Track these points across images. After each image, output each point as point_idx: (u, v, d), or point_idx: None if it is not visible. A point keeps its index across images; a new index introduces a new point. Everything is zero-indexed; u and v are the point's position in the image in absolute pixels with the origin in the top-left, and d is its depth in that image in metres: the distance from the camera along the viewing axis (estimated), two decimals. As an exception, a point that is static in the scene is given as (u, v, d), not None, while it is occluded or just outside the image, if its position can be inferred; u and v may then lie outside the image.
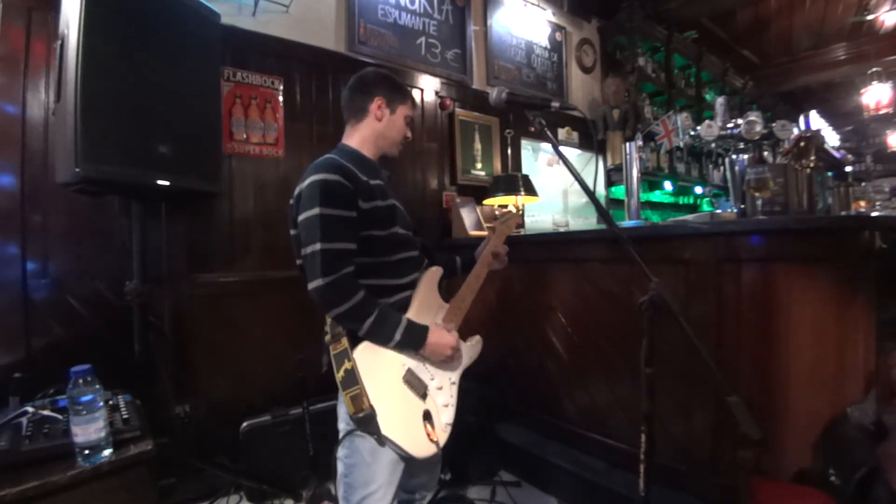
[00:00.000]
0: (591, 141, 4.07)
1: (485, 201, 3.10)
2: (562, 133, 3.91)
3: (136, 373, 1.68)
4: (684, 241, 1.66)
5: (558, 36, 3.92)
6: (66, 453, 1.14)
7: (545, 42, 3.81)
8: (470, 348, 1.36)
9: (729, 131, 2.31)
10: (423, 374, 1.22)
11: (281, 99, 2.37)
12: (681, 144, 3.05)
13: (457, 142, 3.09)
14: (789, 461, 1.40)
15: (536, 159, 4.10)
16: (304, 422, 1.91)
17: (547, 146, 3.99)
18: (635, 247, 1.07)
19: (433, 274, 1.34)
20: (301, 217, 1.17)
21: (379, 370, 1.15)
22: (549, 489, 2.01)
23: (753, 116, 2.23)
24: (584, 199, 4.11)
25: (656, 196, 4.72)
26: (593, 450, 1.97)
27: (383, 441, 1.09)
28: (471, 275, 1.39)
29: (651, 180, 4.42)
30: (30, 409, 1.30)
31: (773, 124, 2.21)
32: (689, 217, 2.24)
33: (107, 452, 1.18)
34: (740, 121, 2.26)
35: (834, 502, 1.16)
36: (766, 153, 2.36)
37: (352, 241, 1.16)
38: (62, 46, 1.39)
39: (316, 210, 1.12)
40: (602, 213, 1.17)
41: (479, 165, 3.22)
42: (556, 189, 4.15)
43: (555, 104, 1.23)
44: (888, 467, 1.06)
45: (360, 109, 1.34)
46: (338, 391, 1.18)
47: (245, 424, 1.94)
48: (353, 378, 1.11)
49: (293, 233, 1.25)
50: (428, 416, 1.18)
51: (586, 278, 2.00)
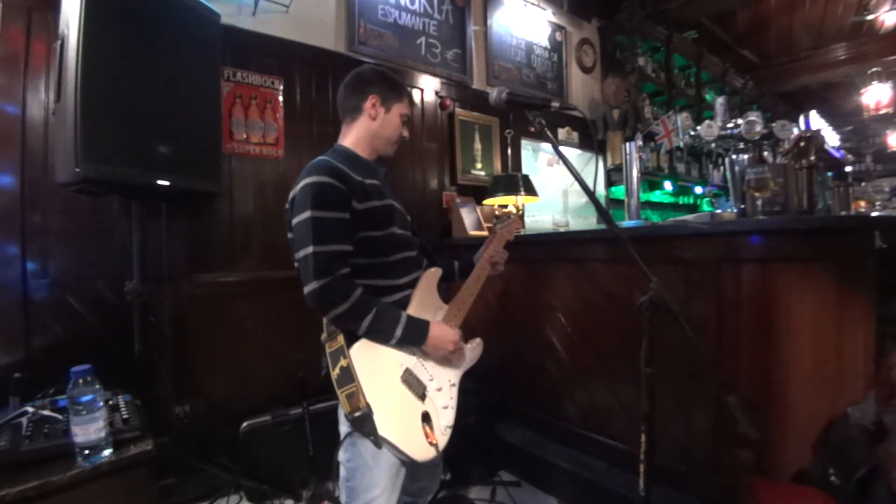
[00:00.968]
0: (591, 141, 4.07)
1: (485, 201, 3.10)
2: (562, 133, 3.91)
3: (136, 373, 1.68)
4: (684, 241, 1.66)
5: (558, 36, 3.92)
6: (66, 453, 1.14)
7: (545, 42, 3.81)
8: (470, 350, 1.34)
9: (729, 131, 2.31)
10: (422, 375, 1.20)
11: (281, 99, 2.37)
12: (681, 144, 3.05)
13: (457, 142, 3.09)
14: (789, 461, 1.40)
15: (536, 159, 4.10)
16: (304, 422, 1.91)
17: (547, 146, 3.99)
18: (635, 247, 1.07)
19: (432, 274, 1.32)
20: (294, 221, 1.16)
21: (376, 368, 1.13)
22: (549, 489, 2.01)
23: (753, 116, 2.23)
24: (584, 199, 4.11)
25: (656, 196, 4.72)
26: (593, 450, 1.97)
27: (380, 443, 1.07)
28: (470, 278, 1.37)
29: (651, 180, 4.43)
30: (30, 409, 1.30)
31: (773, 124, 2.21)
32: (689, 217, 2.24)
33: (107, 452, 1.18)
34: (740, 121, 2.26)
35: (834, 502, 1.16)
36: (766, 153, 2.37)
37: (346, 243, 1.14)
38: (62, 46, 1.39)
39: (307, 213, 1.11)
40: (602, 213, 1.17)
41: (479, 165, 3.22)
42: (556, 189, 4.15)
43: (555, 104, 1.23)
44: (888, 467, 1.06)
45: (354, 108, 1.32)
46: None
47: (245, 424, 1.94)
48: (348, 376, 1.09)
49: (290, 236, 1.24)
50: (427, 418, 1.15)
51: (586, 278, 2.00)
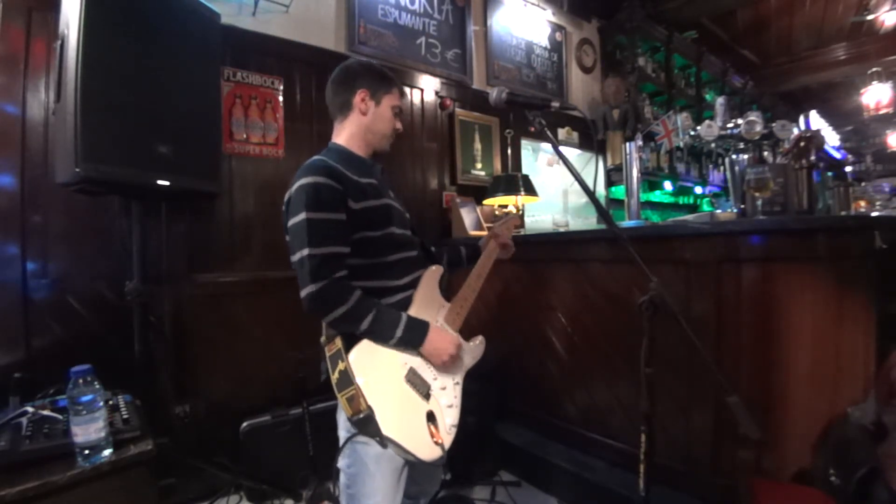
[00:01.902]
0: (591, 141, 4.07)
1: (485, 201, 3.10)
2: (562, 133, 3.91)
3: (136, 373, 1.68)
4: (684, 241, 1.66)
5: (558, 36, 3.92)
6: (66, 453, 1.14)
7: (545, 42, 3.81)
8: (473, 348, 1.33)
9: (729, 131, 2.31)
10: (426, 374, 1.18)
11: (281, 99, 2.37)
12: (681, 144, 3.05)
13: (457, 142, 3.09)
14: (789, 461, 1.40)
15: (536, 159, 4.10)
16: (304, 422, 1.91)
17: (547, 146, 3.99)
18: (635, 247, 1.07)
19: (434, 273, 1.30)
20: (289, 223, 1.14)
21: (378, 369, 1.12)
22: (549, 489, 2.01)
23: (753, 116, 2.23)
24: (584, 199, 4.11)
25: (656, 196, 4.71)
26: (593, 450, 1.97)
27: (385, 443, 1.04)
28: (471, 276, 1.36)
29: (651, 180, 4.42)
30: (30, 409, 1.30)
31: (773, 124, 2.21)
32: (689, 217, 2.24)
33: (107, 452, 1.18)
34: (740, 121, 2.26)
35: (834, 502, 1.16)
36: (766, 153, 2.37)
37: (342, 245, 1.12)
38: (62, 46, 1.39)
39: (302, 215, 1.09)
40: (602, 213, 1.17)
41: (479, 165, 3.22)
42: (556, 189, 4.15)
43: (555, 104, 1.22)
44: (888, 467, 1.06)
45: (344, 104, 1.29)
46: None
47: (245, 424, 1.94)
48: (347, 379, 1.07)
49: (288, 239, 1.21)
50: (432, 417, 1.13)
51: (586, 278, 2.00)
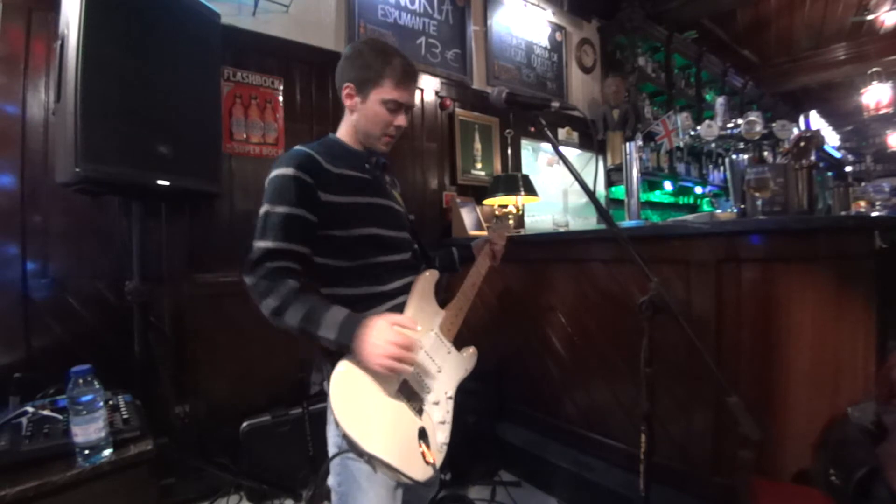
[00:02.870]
0: (591, 141, 4.07)
1: (485, 201, 3.10)
2: (562, 133, 3.91)
3: (136, 373, 1.68)
4: (684, 241, 1.66)
5: (558, 36, 3.92)
6: (66, 453, 1.14)
7: (545, 42, 3.80)
8: (465, 359, 1.23)
9: (729, 131, 2.31)
10: (420, 387, 1.09)
11: (281, 99, 2.37)
12: (681, 144, 3.05)
13: (457, 142, 3.09)
14: (789, 461, 1.40)
15: (536, 159, 4.10)
16: (304, 422, 1.91)
17: (547, 146, 3.98)
18: (635, 247, 1.07)
19: (428, 278, 1.21)
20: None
21: (369, 382, 0.99)
22: (549, 489, 2.01)
23: (753, 116, 2.23)
24: (584, 199, 4.11)
25: (656, 196, 4.71)
26: (593, 450, 1.96)
27: (373, 463, 0.94)
28: (465, 283, 1.30)
29: (651, 180, 4.42)
30: (30, 409, 1.30)
31: (773, 124, 2.21)
32: (689, 217, 2.24)
33: (107, 452, 1.18)
34: (740, 121, 2.26)
35: (834, 502, 1.16)
36: (766, 153, 2.36)
37: (298, 243, 1.05)
38: (62, 46, 1.39)
39: (263, 208, 1.06)
40: (602, 213, 1.17)
41: (479, 165, 3.22)
42: (556, 189, 4.15)
43: (555, 104, 1.21)
44: (888, 467, 1.06)
45: (341, 97, 1.20)
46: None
47: (245, 424, 1.94)
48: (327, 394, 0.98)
49: None
50: (423, 435, 1.03)
51: (586, 278, 2.00)
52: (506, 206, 3.11)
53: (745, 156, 2.30)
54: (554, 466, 1.99)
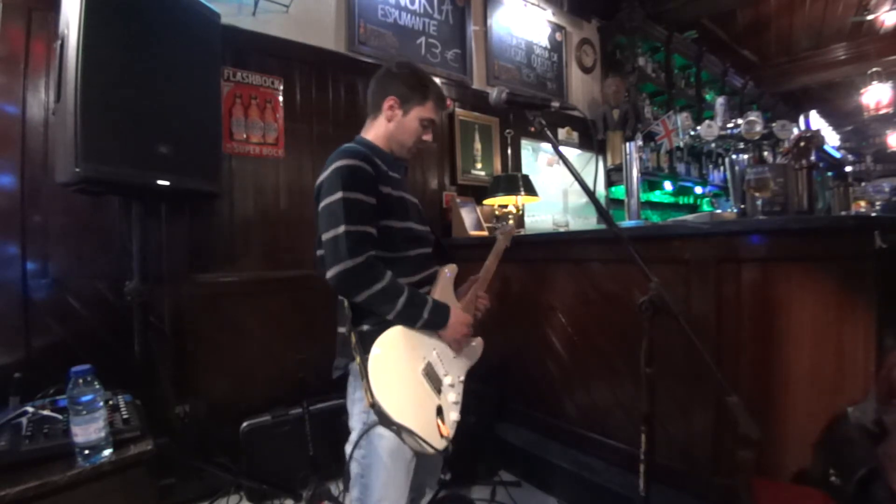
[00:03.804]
0: (591, 141, 4.07)
1: (485, 201, 3.10)
2: (562, 133, 3.91)
3: (136, 373, 1.68)
4: (684, 241, 1.66)
5: (558, 36, 3.92)
6: (66, 453, 1.14)
7: (545, 42, 3.81)
8: (474, 349, 1.38)
9: (729, 131, 2.31)
10: (439, 370, 1.23)
11: (281, 99, 2.37)
12: (681, 144, 3.05)
13: (457, 142, 3.09)
14: (789, 461, 1.40)
15: (536, 159, 4.10)
16: (304, 422, 1.91)
17: (547, 146, 3.99)
18: (635, 247, 1.07)
19: (450, 272, 1.36)
20: (323, 203, 1.16)
21: (397, 363, 1.15)
22: (549, 489, 2.01)
23: (753, 116, 2.23)
24: (584, 199, 4.11)
25: (656, 196, 4.71)
26: (593, 450, 1.96)
27: (400, 432, 1.06)
28: (478, 282, 1.44)
29: (651, 180, 4.42)
30: (30, 409, 1.30)
31: (773, 124, 2.21)
32: (689, 217, 2.24)
33: (107, 452, 1.18)
34: (740, 121, 2.26)
35: (834, 502, 1.16)
36: (766, 153, 2.36)
37: (373, 227, 1.17)
38: (62, 46, 1.39)
39: (339, 194, 1.12)
40: (602, 213, 1.17)
41: (479, 165, 3.22)
42: (556, 189, 4.15)
43: (555, 104, 1.23)
44: (888, 467, 1.06)
45: (376, 105, 1.32)
46: (338, 391, 1.18)
47: (245, 424, 1.94)
48: (364, 371, 1.09)
49: (318, 221, 1.22)
50: (440, 412, 1.18)
51: (586, 278, 2.00)
52: (506, 206, 3.11)
53: (745, 156, 2.29)
54: (554, 466, 1.99)
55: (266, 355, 2.21)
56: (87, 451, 1.14)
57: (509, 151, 3.41)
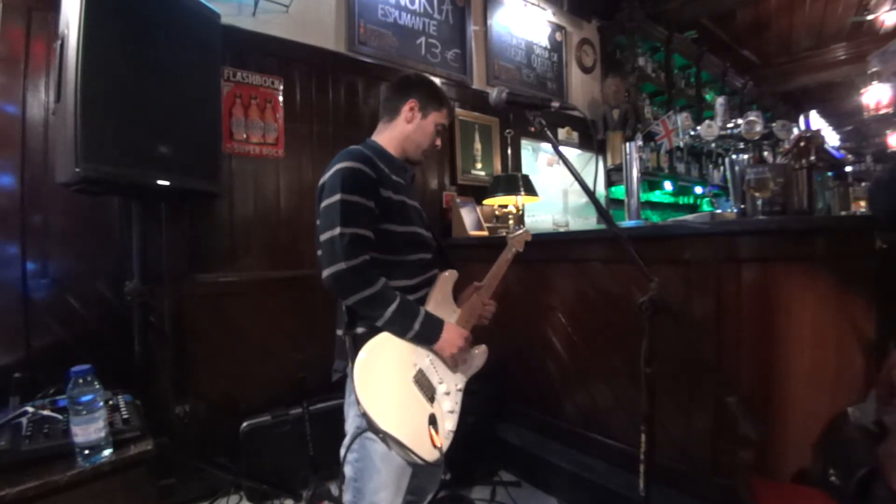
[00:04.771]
0: (591, 141, 4.07)
1: (485, 201, 3.10)
2: (562, 133, 3.91)
3: (136, 373, 1.68)
4: (684, 241, 1.66)
5: (558, 36, 3.92)
6: (66, 453, 1.14)
7: (545, 42, 3.80)
8: (476, 356, 1.36)
9: (729, 131, 2.31)
10: (433, 377, 1.21)
11: (281, 99, 2.37)
12: (681, 144, 3.05)
13: (457, 142, 3.09)
14: (789, 461, 1.40)
15: (536, 159, 4.10)
16: (304, 422, 1.91)
17: (547, 146, 3.98)
18: (635, 247, 1.07)
19: (449, 277, 1.34)
20: (323, 205, 1.16)
21: (386, 368, 1.13)
22: (549, 489, 2.01)
23: (753, 116, 2.23)
24: (584, 199, 4.11)
25: (656, 196, 4.71)
26: (593, 450, 1.96)
27: (387, 440, 1.06)
28: (481, 290, 1.41)
29: (651, 180, 4.42)
30: (30, 409, 1.30)
31: (773, 124, 2.21)
32: (689, 217, 2.24)
33: (107, 452, 1.18)
34: (740, 121, 2.26)
35: (834, 502, 1.16)
36: (766, 153, 2.36)
37: (371, 231, 1.16)
38: (62, 46, 1.39)
39: (338, 196, 1.13)
40: (602, 213, 1.17)
41: (479, 165, 3.22)
42: (556, 189, 4.15)
43: (555, 104, 1.23)
44: (888, 467, 1.06)
45: (393, 108, 1.35)
46: (338, 391, 1.18)
47: (245, 424, 1.94)
48: (352, 377, 1.09)
49: (318, 221, 1.22)
50: (433, 421, 1.15)
51: (586, 278, 2.00)
52: (506, 206, 3.11)
53: (745, 156, 2.29)
54: (554, 466, 1.99)
55: (266, 355, 2.21)
56: (87, 451, 1.14)
57: (509, 151, 3.41)
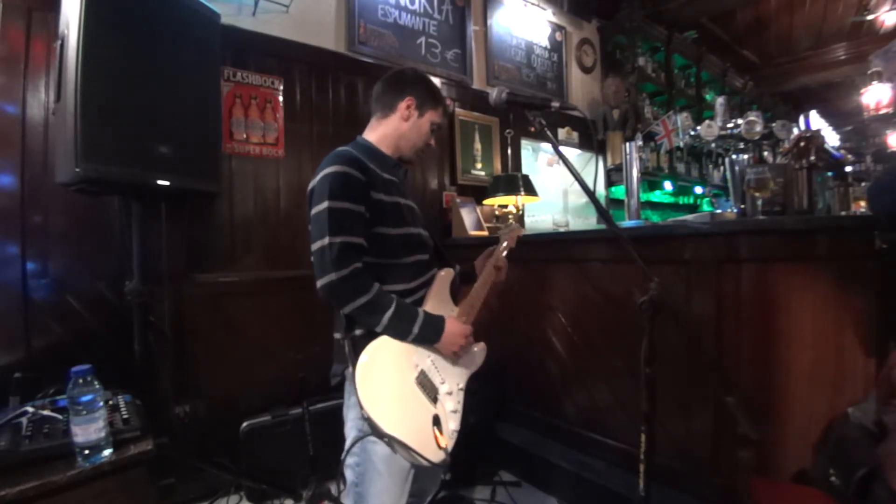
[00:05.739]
0: (591, 141, 4.07)
1: (485, 201, 3.10)
2: (562, 133, 3.91)
3: (136, 373, 1.68)
4: (684, 241, 1.66)
5: (558, 36, 3.92)
6: (66, 453, 1.14)
7: (545, 42, 3.81)
8: (475, 354, 1.34)
9: (729, 131, 2.31)
10: (435, 378, 1.19)
11: (281, 99, 2.37)
12: (681, 144, 3.05)
13: (457, 142, 3.09)
14: (789, 461, 1.40)
15: (536, 159, 4.10)
16: (304, 422, 1.91)
17: (547, 146, 3.98)
18: (635, 247, 1.07)
19: (446, 276, 1.32)
20: (312, 212, 1.14)
21: (388, 371, 1.11)
22: (549, 489, 2.01)
23: (753, 116, 2.23)
24: (584, 199, 4.11)
25: (656, 196, 4.72)
26: (593, 450, 1.96)
27: (392, 444, 1.04)
28: (478, 282, 1.38)
29: (651, 180, 4.43)
30: (30, 409, 1.30)
31: (773, 124, 2.21)
32: (689, 217, 2.24)
33: (107, 452, 1.18)
34: (740, 121, 2.26)
35: (834, 502, 1.16)
36: (766, 153, 2.37)
37: (360, 237, 1.13)
38: (62, 46, 1.39)
39: (325, 204, 1.10)
40: (602, 213, 1.17)
41: (479, 165, 3.22)
42: (556, 189, 4.15)
43: (555, 104, 1.23)
44: (888, 467, 1.06)
45: (388, 105, 1.31)
46: (339, 391, 1.17)
47: (245, 424, 1.94)
48: (353, 380, 1.07)
49: (310, 228, 1.20)
50: (437, 422, 1.13)
51: (586, 278, 2.00)
52: (506, 206, 3.11)
53: (745, 156, 2.30)
54: (554, 466, 1.99)
55: (266, 355, 2.21)
56: (87, 451, 1.14)
57: (509, 151, 3.41)
